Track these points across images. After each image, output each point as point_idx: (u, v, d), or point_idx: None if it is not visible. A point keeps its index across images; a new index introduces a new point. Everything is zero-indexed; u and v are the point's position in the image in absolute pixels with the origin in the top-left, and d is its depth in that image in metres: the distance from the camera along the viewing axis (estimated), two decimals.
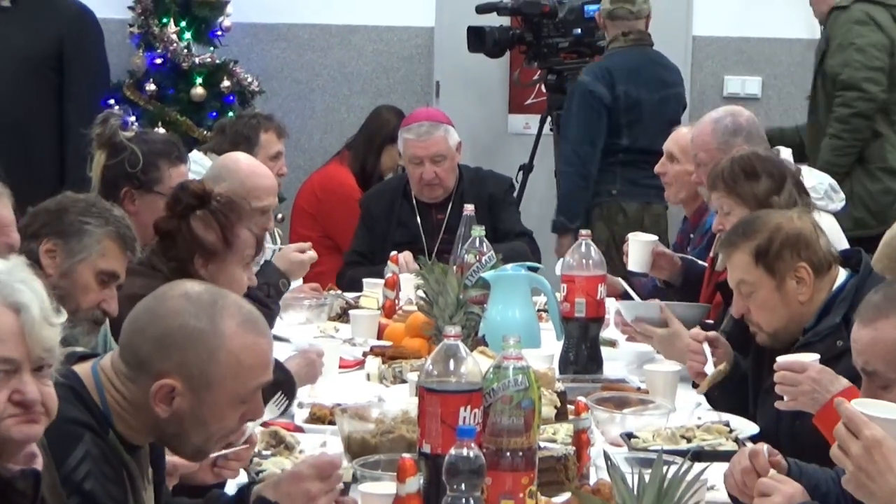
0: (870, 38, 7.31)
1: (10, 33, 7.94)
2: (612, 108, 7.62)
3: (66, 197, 4.27)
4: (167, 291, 3.28)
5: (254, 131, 6.79)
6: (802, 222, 4.52)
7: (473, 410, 3.42)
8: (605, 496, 2.99)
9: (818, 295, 4.45)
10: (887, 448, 2.76)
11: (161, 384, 3.05)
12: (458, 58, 8.47)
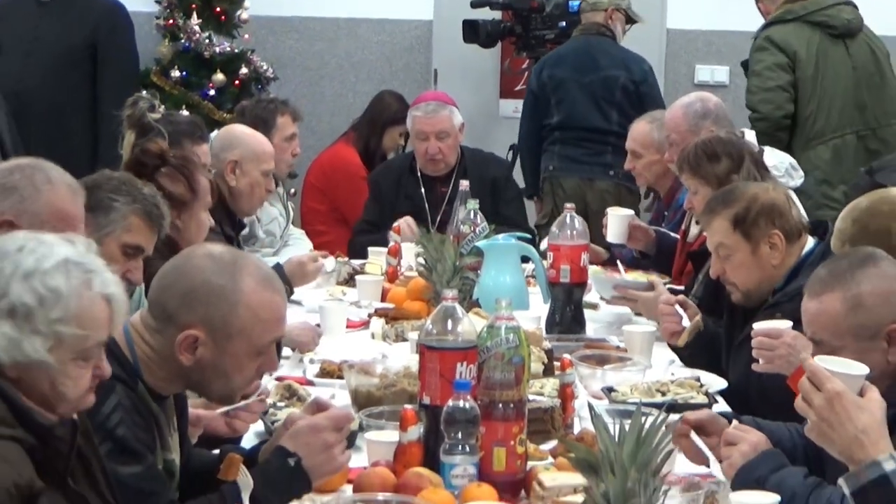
0: (766, 61, 7.29)
1: (47, 26, 7.94)
2: (538, 92, 7.65)
3: (101, 174, 4.25)
4: (193, 251, 3.33)
5: (271, 115, 6.77)
6: (777, 193, 4.62)
7: (469, 366, 3.42)
8: (588, 444, 2.99)
9: (788, 259, 4.50)
10: (846, 400, 2.76)
11: (186, 335, 3.06)
12: (454, 48, 8.46)
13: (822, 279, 3.41)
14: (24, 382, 2.55)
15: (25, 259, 2.56)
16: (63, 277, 2.57)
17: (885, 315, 3.27)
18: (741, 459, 3.32)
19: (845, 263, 3.41)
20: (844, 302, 3.31)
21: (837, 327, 3.30)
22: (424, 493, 3.23)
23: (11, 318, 2.52)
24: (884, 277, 3.32)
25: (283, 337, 3.34)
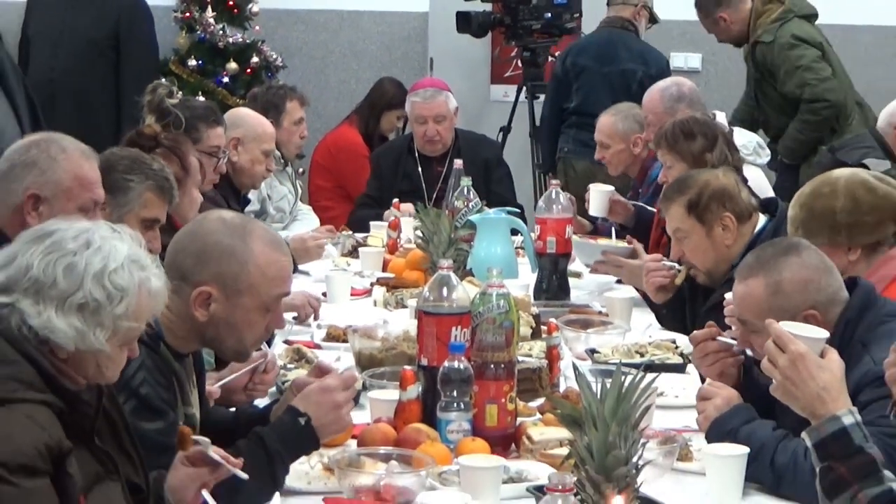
0: (808, 55, 7.32)
1: (75, 18, 7.94)
2: (561, 77, 7.65)
3: (112, 154, 4.22)
4: (206, 216, 3.38)
5: (281, 100, 6.78)
6: (727, 179, 4.63)
7: (463, 330, 3.43)
8: (573, 401, 2.97)
9: (742, 238, 4.53)
10: (809, 360, 2.76)
11: (200, 291, 3.10)
12: (448, 38, 8.43)
13: (750, 265, 3.45)
14: (72, 362, 2.56)
15: (94, 258, 2.57)
16: (128, 276, 2.58)
17: (801, 301, 3.30)
18: (715, 413, 3.34)
19: (770, 251, 3.44)
20: (767, 287, 3.34)
21: (759, 309, 3.32)
22: (423, 447, 3.23)
23: (81, 312, 2.53)
24: (804, 267, 3.35)
25: (287, 294, 3.34)
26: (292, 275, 3.35)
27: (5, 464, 2.39)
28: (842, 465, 2.68)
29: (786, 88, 7.36)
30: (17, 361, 2.50)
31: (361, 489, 3.02)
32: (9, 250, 2.61)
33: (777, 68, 7.37)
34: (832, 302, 3.30)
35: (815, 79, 7.28)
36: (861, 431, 2.71)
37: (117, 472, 2.72)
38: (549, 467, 3.08)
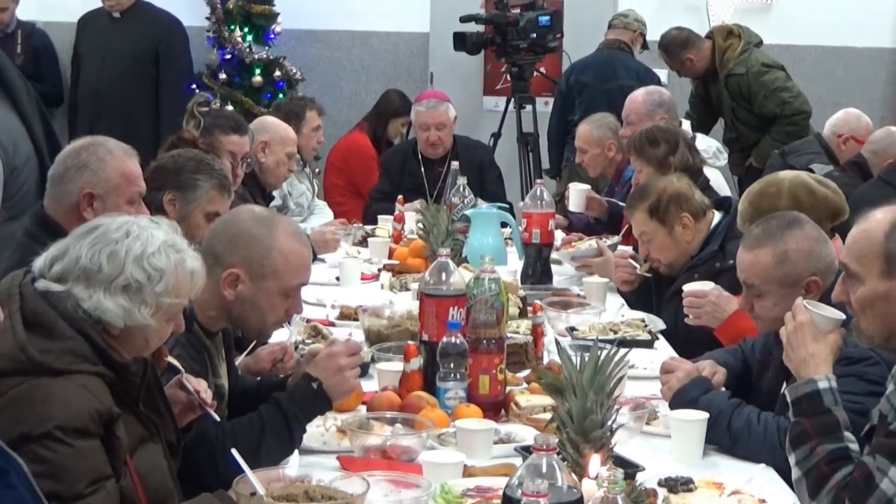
0: (780, 76, 7.44)
1: (119, 38, 7.92)
2: (565, 93, 7.64)
3: (180, 156, 4.26)
4: (238, 209, 3.44)
5: (302, 109, 6.80)
6: (681, 183, 4.63)
7: (459, 310, 3.43)
8: (555, 372, 2.97)
9: (699, 234, 4.55)
10: (808, 329, 2.83)
11: (229, 272, 3.11)
12: (446, 55, 8.40)
13: (757, 236, 3.44)
14: (123, 339, 2.58)
15: (133, 244, 2.58)
16: (165, 258, 2.60)
17: (804, 269, 3.31)
18: (677, 384, 3.34)
19: (775, 224, 3.43)
20: (774, 256, 3.35)
21: (766, 275, 3.35)
22: (424, 412, 3.23)
23: (126, 292, 2.55)
24: (806, 238, 3.36)
25: (307, 283, 3.33)
26: (312, 265, 3.34)
27: (62, 426, 2.41)
28: (808, 420, 2.72)
29: (765, 109, 7.41)
30: (74, 338, 2.51)
31: (370, 449, 3.02)
32: (62, 244, 2.63)
33: (755, 94, 7.42)
34: (829, 271, 3.29)
35: (791, 96, 7.37)
36: (833, 396, 2.74)
37: (159, 434, 2.73)
38: (535, 430, 3.08)
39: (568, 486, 2.02)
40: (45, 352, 2.48)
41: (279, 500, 2.47)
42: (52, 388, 2.45)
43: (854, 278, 2.75)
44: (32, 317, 2.53)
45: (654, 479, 2.82)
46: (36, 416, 2.41)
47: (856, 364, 3.05)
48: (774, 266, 3.33)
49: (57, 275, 2.58)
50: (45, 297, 2.55)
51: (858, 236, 2.77)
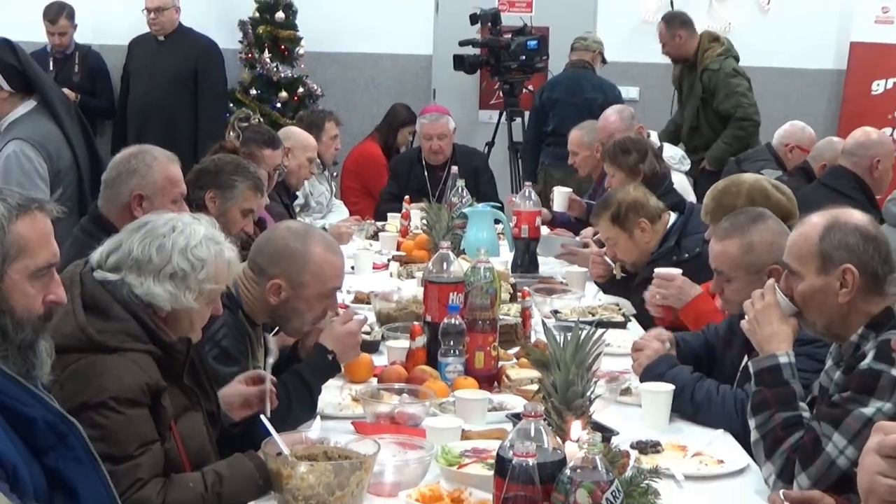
0: (743, 85, 7.39)
1: (164, 58, 7.92)
2: (539, 108, 7.59)
3: (220, 160, 4.28)
4: (278, 226, 3.44)
5: (321, 121, 6.81)
6: (637, 193, 4.63)
7: (458, 295, 3.43)
8: (541, 349, 2.97)
9: (656, 235, 4.55)
10: (775, 311, 2.81)
11: (272, 283, 3.12)
12: (446, 74, 8.40)
13: (726, 228, 3.44)
14: (170, 320, 2.60)
15: (178, 238, 2.60)
16: (206, 249, 2.61)
17: (768, 258, 3.28)
18: (646, 361, 3.35)
19: (743, 218, 3.42)
20: (741, 246, 3.35)
21: (734, 263, 3.35)
22: (427, 384, 3.24)
23: (173, 280, 2.57)
24: (770, 231, 3.35)
25: (340, 287, 3.38)
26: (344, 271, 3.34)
27: (116, 397, 2.42)
28: (769, 390, 2.72)
29: (722, 107, 7.39)
30: (127, 320, 2.53)
31: (381, 415, 3.02)
32: (116, 239, 2.65)
33: (719, 91, 7.40)
34: None
35: (746, 102, 7.34)
36: (791, 371, 2.75)
37: (200, 404, 2.74)
38: (524, 399, 3.08)
39: (553, 448, 2.03)
40: (102, 332, 2.49)
41: (302, 458, 2.48)
42: (108, 364, 2.46)
43: (795, 275, 2.76)
44: (91, 301, 2.54)
45: (627, 442, 2.82)
46: (93, 387, 2.42)
47: (808, 345, 3.05)
48: (741, 255, 3.33)
49: (112, 265, 2.59)
50: (102, 284, 2.56)
51: (797, 238, 2.78)
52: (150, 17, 7.94)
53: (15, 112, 3.85)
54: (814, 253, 2.70)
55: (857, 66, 8.52)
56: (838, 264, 2.66)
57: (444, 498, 2.50)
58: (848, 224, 2.70)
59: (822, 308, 2.70)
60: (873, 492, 1.75)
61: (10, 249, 2.07)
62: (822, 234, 2.70)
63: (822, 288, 2.69)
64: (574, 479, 1.84)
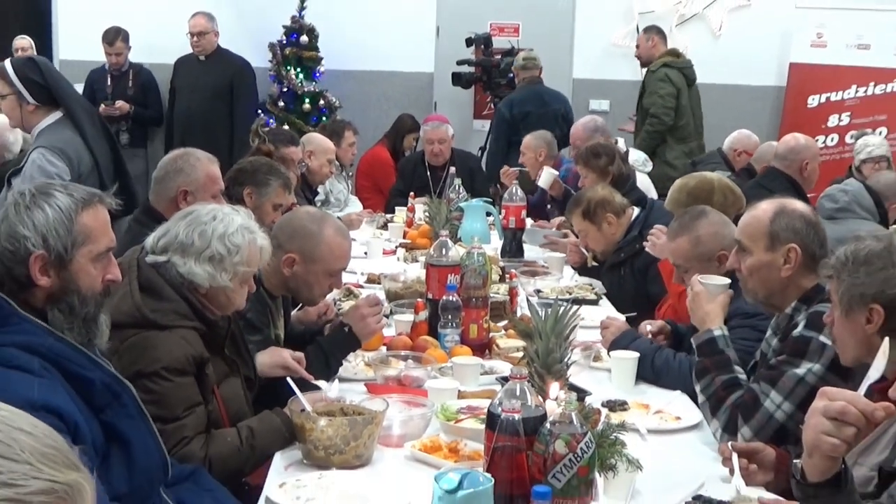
0: (665, 90, 7.34)
1: (205, 75, 7.92)
2: (510, 120, 7.42)
3: (256, 161, 4.29)
4: (298, 209, 3.45)
5: (341, 129, 6.81)
6: (605, 191, 4.64)
7: (455, 276, 3.44)
8: (526, 322, 2.98)
9: (621, 227, 4.55)
10: (703, 296, 2.89)
11: (287, 256, 3.11)
12: (446, 88, 8.40)
13: (675, 229, 3.45)
14: (210, 297, 2.60)
15: (218, 225, 2.60)
16: (241, 237, 2.61)
17: (715, 247, 3.30)
18: (611, 336, 3.35)
19: (687, 218, 3.43)
20: (690, 241, 3.35)
21: (687, 256, 3.36)
22: (429, 351, 3.24)
23: (211, 262, 2.57)
24: (712, 224, 3.36)
25: (346, 268, 3.34)
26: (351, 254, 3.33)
27: (166, 367, 2.43)
28: (708, 359, 2.75)
29: (645, 103, 7.43)
30: (177, 301, 2.54)
31: (389, 378, 3.02)
32: (165, 226, 2.66)
33: (647, 89, 7.44)
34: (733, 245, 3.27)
35: (660, 103, 7.31)
36: (725, 341, 2.79)
37: (239, 372, 2.75)
38: (511, 364, 3.08)
39: (535, 405, 2.03)
40: (155, 311, 2.49)
41: (322, 414, 2.48)
42: (160, 339, 2.46)
43: (745, 251, 2.79)
44: (146, 283, 2.54)
45: (599, 401, 2.83)
46: (147, 359, 2.43)
47: (752, 318, 3.06)
48: (692, 248, 3.34)
49: (161, 248, 2.60)
50: (155, 267, 2.57)
51: (750, 220, 2.82)
52: (194, 40, 7.96)
53: (43, 122, 3.83)
54: (764, 233, 2.75)
55: (795, 83, 8.52)
56: (784, 243, 2.71)
57: (443, 448, 2.51)
58: (795, 211, 2.76)
59: (766, 280, 2.74)
60: (818, 447, 1.75)
61: (78, 237, 2.07)
62: (772, 217, 2.75)
63: (768, 263, 2.73)
64: (553, 431, 1.84)
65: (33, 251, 2.04)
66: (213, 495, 2.38)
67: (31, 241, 2.04)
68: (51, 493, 1.03)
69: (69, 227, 2.06)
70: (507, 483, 1.79)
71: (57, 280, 2.07)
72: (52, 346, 2.00)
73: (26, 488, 1.01)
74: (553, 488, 1.76)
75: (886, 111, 8.33)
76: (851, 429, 1.74)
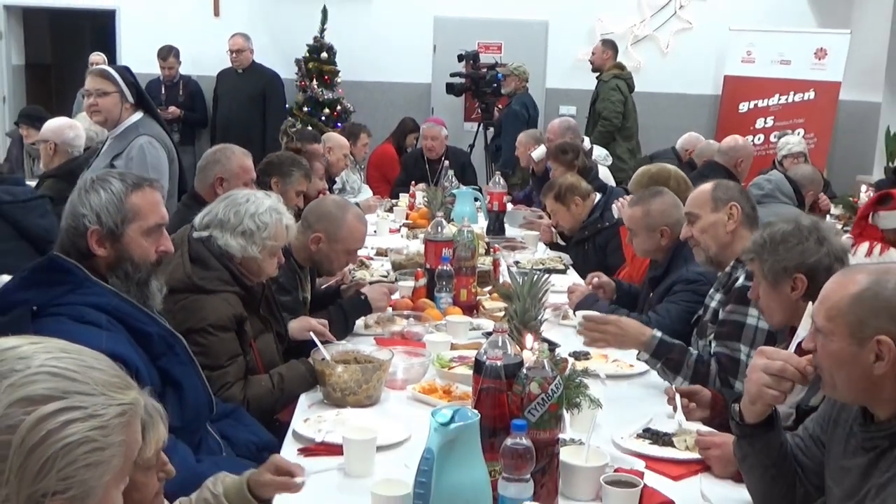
0: (615, 97, 7.35)
1: (242, 85, 7.91)
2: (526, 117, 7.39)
3: (282, 155, 4.25)
4: (325, 198, 3.43)
5: (358, 131, 6.81)
6: (573, 178, 4.63)
7: (449, 249, 3.42)
8: (507, 287, 2.97)
9: (586, 209, 4.53)
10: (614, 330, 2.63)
11: (315, 234, 3.12)
12: (441, 96, 8.31)
13: (634, 200, 3.43)
14: (244, 264, 2.58)
15: (250, 206, 2.59)
16: (269, 216, 2.59)
17: (660, 221, 3.28)
18: (576, 299, 3.36)
19: (647, 194, 3.41)
20: (642, 212, 3.32)
21: (637, 223, 3.33)
22: (427, 311, 3.24)
23: (243, 236, 2.56)
24: (664, 203, 3.32)
25: (361, 248, 3.36)
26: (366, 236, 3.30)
27: (212, 324, 2.44)
28: (670, 354, 2.63)
29: (597, 107, 7.43)
30: (221, 270, 2.53)
31: (394, 333, 3.03)
32: (210, 206, 2.66)
33: (600, 95, 7.45)
34: (677, 224, 3.22)
35: (611, 108, 7.32)
36: (666, 338, 2.65)
37: (272, 328, 2.74)
38: (494, 321, 3.07)
39: (514, 354, 2.02)
40: (203, 278, 2.49)
41: (339, 362, 2.48)
42: (207, 301, 2.46)
43: (695, 217, 2.84)
44: (195, 255, 2.53)
45: (566, 351, 2.83)
46: (196, 318, 2.43)
47: (692, 284, 3.06)
48: (642, 217, 3.31)
49: (204, 224, 2.59)
50: (201, 242, 2.55)
51: (695, 194, 2.89)
52: (232, 56, 7.92)
53: (130, 119, 3.78)
54: (708, 199, 2.81)
55: (728, 92, 8.49)
56: (726, 203, 2.79)
57: (438, 390, 2.51)
58: (729, 182, 2.90)
59: (715, 237, 2.78)
60: (761, 398, 1.75)
61: (127, 214, 2.06)
62: (713, 187, 2.84)
63: (715, 222, 2.79)
64: (529, 375, 1.83)
65: (89, 227, 2.03)
66: (250, 429, 2.39)
67: (88, 218, 2.04)
68: (124, 415, 1.06)
69: (119, 206, 2.05)
70: (491, 418, 1.79)
71: (112, 251, 2.06)
72: (117, 305, 2.00)
73: (107, 416, 1.04)
74: (528, 422, 1.76)
75: (803, 115, 8.32)
76: (789, 383, 1.73)
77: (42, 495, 0.98)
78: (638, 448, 2.18)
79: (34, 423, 0.98)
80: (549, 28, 8.64)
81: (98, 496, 1.03)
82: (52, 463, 0.98)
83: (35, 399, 0.99)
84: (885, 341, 1.50)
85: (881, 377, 1.52)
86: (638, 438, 2.24)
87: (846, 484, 1.65)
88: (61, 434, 0.99)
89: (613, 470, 1.95)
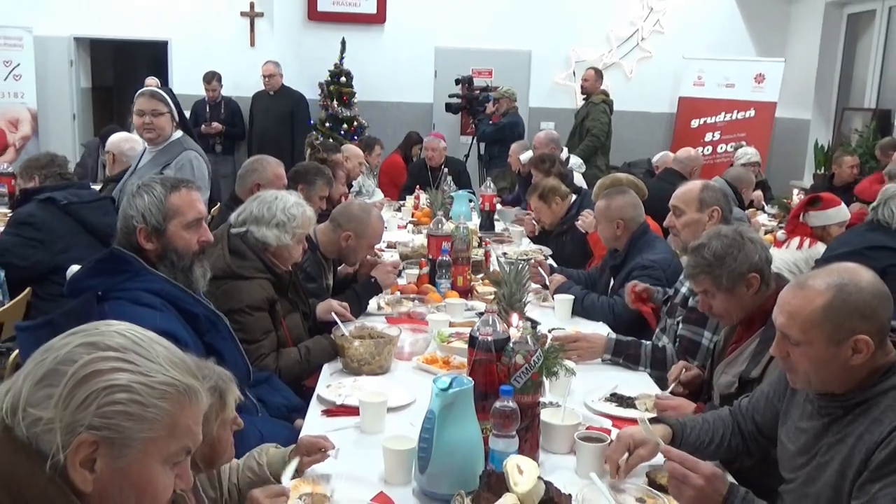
0: (604, 118, 7.29)
1: (273, 105, 7.87)
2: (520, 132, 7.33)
3: (308, 165, 4.18)
4: (351, 201, 3.42)
5: (373, 144, 6.78)
6: (554, 182, 4.58)
7: (447, 243, 3.40)
8: (496, 275, 2.97)
9: (564, 206, 4.48)
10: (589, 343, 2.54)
11: (345, 233, 3.09)
12: (441, 114, 8.30)
13: (601, 195, 3.38)
14: (276, 253, 2.56)
15: (280, 202, 2.58)
16: (296, 209, 2.58)
17: (618, 215, 3.24)
18: (555, 286, 3.33)
19: (614, 192, 3.38)
20: (604, 205, 3.29)
21: (600, 215, 3.30)
22: (429, 295, 3.23)
23: (278, 227, 2.55)
24: (624, 200, 3.29)
25: (380, 242, 3.34)
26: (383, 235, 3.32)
27: (249, 305, 2.43)
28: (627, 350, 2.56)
29: (587, 125, 7.33)
30: (255, 260, 2.52)
31: (402, 313, 3.02)
32: (242, 206, 2.64)
33: (590, 115, 7.34)
34: (633, 221, 3.21)
35: (600, 127, 7.22)
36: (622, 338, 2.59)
37: (299, 308, 2.73)
38: (486, 303, 3.08)
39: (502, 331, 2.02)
40: (240, 267, 2.48)
41: (355, 337, 2.47)
42: (243, 286, 2.45)
43: (680, 211, 2.77)
44: (234, 248, 2.52)
45: (546, 328, 2.82)
46: (235, 300, 2.42)
47: (647, 269, 3.03)
48: (603, 210, 3.28)
49: (240, 221, 2.58)
50: (239, 236, 2.54)
51: (684, 189, 2.80)
52: (265, 80, 7.88)
53: (173, 136, 3.75)
54: (695, 198, 2.75)
55: (683, 111, 8.46)
56: (710, 206, 2.73)
57: (439, 361, 2.50)
58: (715, 186, 2.81)
59: (696, 232, 2.70)
60: None
61: (168, 211, 2.05)
62: (701, 188, 2.77)
63: (697, 220, 2.73)
64: (514, 348, 1.83)
65: (137, 226, 2.03)
66: (281, 394, 2.39)
67: (136, 219, 2.03)
68: (171, 386, 1.02)
69: (161, 206, 2.04)
70: (483, 384, 1.79)
71: (158, 244, 2.04)
72: (168, 290, 1.99)
73: (156, 379, 1.01)
74: (514, 388, 1.76)
75: (745, 130, 8.32)
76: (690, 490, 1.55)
77: (80, 426, 0.95)
78: (606, 409, 2.18)
79: (89, 360, 0.97)
80: (532, 56, 8.61)
81: (133, 455, 0.97)
82: (94, 398, 0.96)
83: (99, 346, 0.99)
84: (863, 339, 1.48)
85: (858, 366, 1.51)
86: (606, 401, 2.24)
87: (801, 441, 1.64)
88: (109, 376, 0.97)
89: (585, 428, 1.95)
